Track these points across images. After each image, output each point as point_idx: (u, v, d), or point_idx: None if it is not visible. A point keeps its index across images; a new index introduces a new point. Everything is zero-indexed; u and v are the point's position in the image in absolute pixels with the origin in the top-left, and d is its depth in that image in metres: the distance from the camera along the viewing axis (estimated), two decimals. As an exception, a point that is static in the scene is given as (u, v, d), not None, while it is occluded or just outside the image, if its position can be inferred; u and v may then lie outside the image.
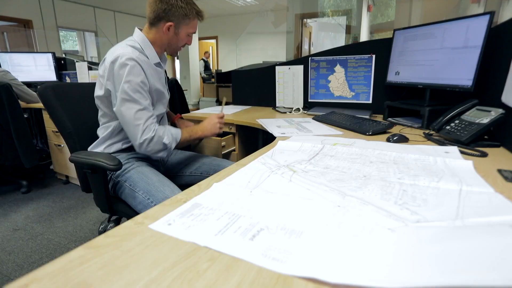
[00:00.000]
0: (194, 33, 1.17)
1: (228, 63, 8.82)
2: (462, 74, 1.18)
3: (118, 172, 1.08)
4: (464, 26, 1.17)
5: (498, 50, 1.10)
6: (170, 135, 1.06)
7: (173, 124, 1.50)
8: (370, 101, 1.73)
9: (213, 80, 7.08)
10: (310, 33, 6.18)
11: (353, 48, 1.78)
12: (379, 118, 1.56)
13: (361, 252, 0.39)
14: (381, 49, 1.64)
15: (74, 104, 1.18)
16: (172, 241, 0.44)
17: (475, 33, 1.12)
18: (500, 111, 0.97)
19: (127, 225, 0.48)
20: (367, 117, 1.47)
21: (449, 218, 0.48)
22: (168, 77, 1.74)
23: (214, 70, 7.51)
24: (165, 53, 1.21)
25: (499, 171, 0.73)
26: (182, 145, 1.15)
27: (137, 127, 0.99)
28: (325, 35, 6.15)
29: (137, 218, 0.51)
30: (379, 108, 1.65)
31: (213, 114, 1.22)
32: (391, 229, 0.46)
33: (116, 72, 0.99)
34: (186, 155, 1.34)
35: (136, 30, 1.14)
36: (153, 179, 1.02)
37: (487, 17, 1.08)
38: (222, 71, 6.39)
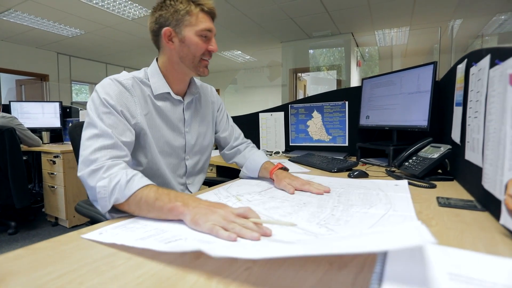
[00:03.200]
0: (210, 31, 0.88)
1: (230, 113, 9.25)
2: (419, 115, 1.28)
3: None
4: (416, 74, 1.31)
5: (446, 95, 1.22)
6: (124, 183, 0.65)
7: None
8: (347, 144, 1.82)
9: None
10: (305, 85, 6.60)
11: (328, 96, 1.93)
12: (354, 159, 1.64)
13: (252, 245, 0.45)
14: (352, 96, 1.79)
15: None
16: (102, 246, 0.49)
17: (424, 80, 1.26)
18: (448, 146, 1.04)
19: (71, 234, 0.54)
20: (342, 158, 1.55)
21: (352, 230, 0.53)
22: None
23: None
24: (196, 78, 1.02)
25: (437, 198, 0.79)
26: (141, 209, 0.64)
27: (81, 157, 0.72)
28: (319, 87, 6.56)
29: (83, 229, 0.56)
30: (355, 150, 1.74)
31: (230, 208, 0.60)
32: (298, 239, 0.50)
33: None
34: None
35: (153, 61, 0.97)
36: None
37: (431, 66, 1.22)
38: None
